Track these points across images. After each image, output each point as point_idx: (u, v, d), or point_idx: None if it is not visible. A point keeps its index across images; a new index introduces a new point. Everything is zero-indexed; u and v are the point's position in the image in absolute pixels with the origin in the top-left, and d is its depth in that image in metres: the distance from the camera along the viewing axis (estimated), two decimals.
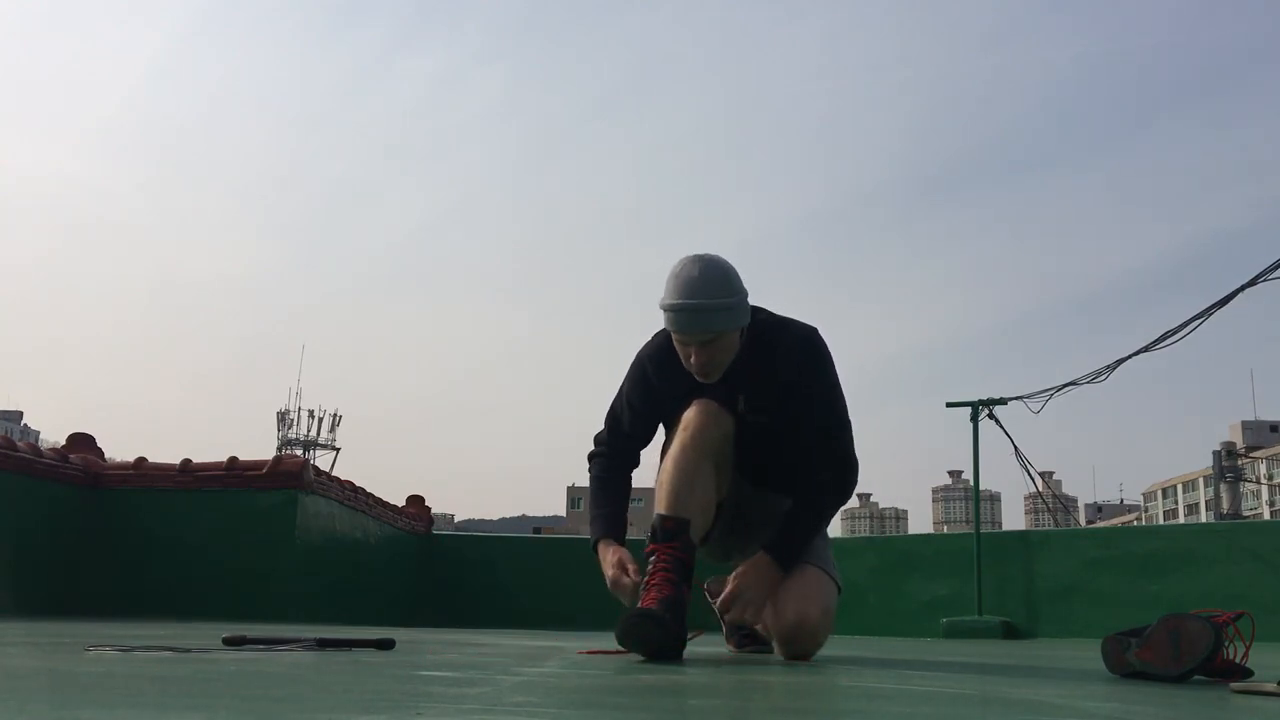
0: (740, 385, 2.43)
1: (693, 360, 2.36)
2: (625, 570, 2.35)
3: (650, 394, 2.52)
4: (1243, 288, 6.10)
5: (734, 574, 2.38)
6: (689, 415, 2.41)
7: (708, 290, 2.28)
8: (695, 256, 2.33)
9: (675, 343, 2.39)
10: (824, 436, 2.45)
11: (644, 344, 2.56)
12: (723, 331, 2.33)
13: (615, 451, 2.58)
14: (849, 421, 2.49)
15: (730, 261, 2.36)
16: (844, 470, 2.45)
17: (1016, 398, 7.12)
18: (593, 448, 2.62)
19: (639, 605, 2.22)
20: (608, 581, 2.39)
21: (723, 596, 2.37)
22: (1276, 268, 5.88)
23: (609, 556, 2.41)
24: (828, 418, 2.46)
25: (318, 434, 45.76)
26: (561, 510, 79.39)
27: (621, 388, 2.58)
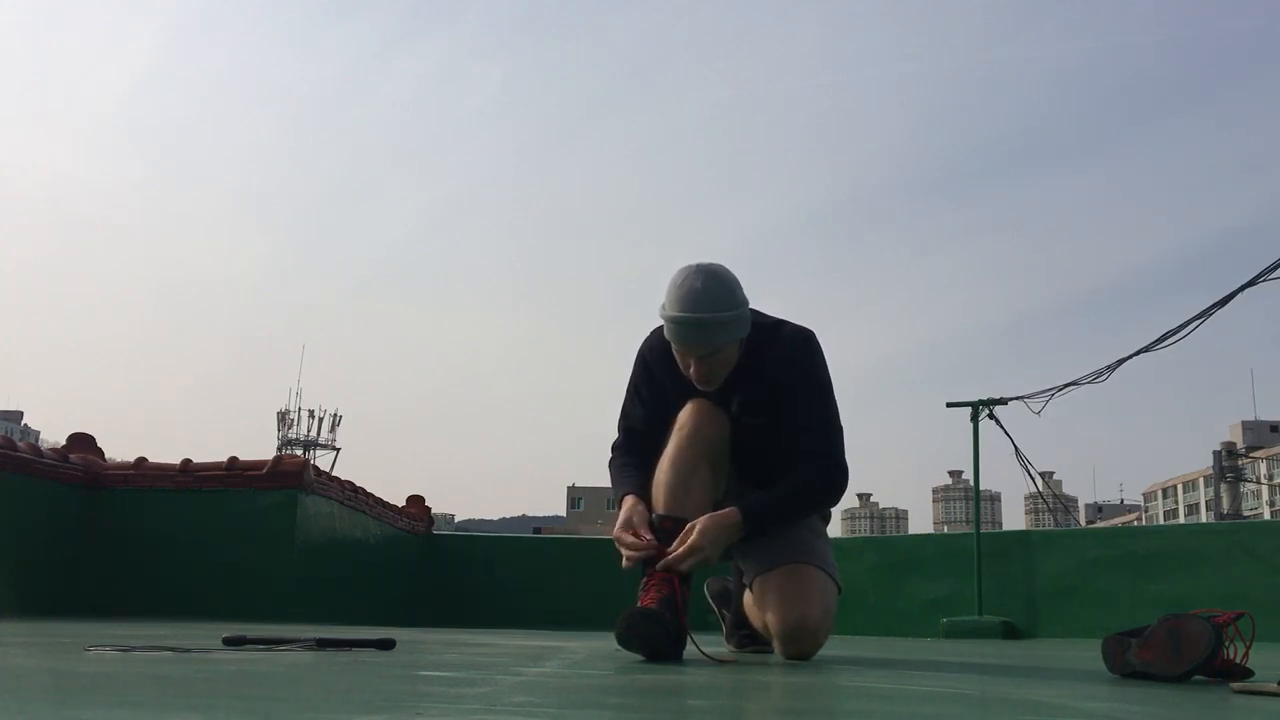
0: (734, 387, 2.43)
1: (693, 371, 2.36)
2: (631, 530, 2.30)
3: (655, 384, 2.52)
4: (1243, 288, 6.09)
5: (698, 520, 2.27)
6: (684, 416, 2.41)
7: (710, 304, 2.27)
8: (698, 268, 2.31)
9: (675, 353, 2.39)
10: (814, 439, 2.43)
11: (645, 338, 2.56)
12: (723, 345, 2.33)
13: (631, 450, 2.55)
14: (840, 425, 2.47)
15: (731, 269, 2.35)
16: (832, 472, 2.43)
17: (1017, 398, 7.12)
18: (610, 455, 2.59)
19: (638, 605, 2.22)
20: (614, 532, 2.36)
21: (680, 540, 2.25)
22: (1277, 268, 5.88)
23: (622, 510, 2.37)
24: (818, 419, 2.44)
25: (318, 434, 45.73)
26: (561, 510, 79.38)
27: (629, 385, 2.58)
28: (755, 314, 2.42)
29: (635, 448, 2.53)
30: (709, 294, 2.27)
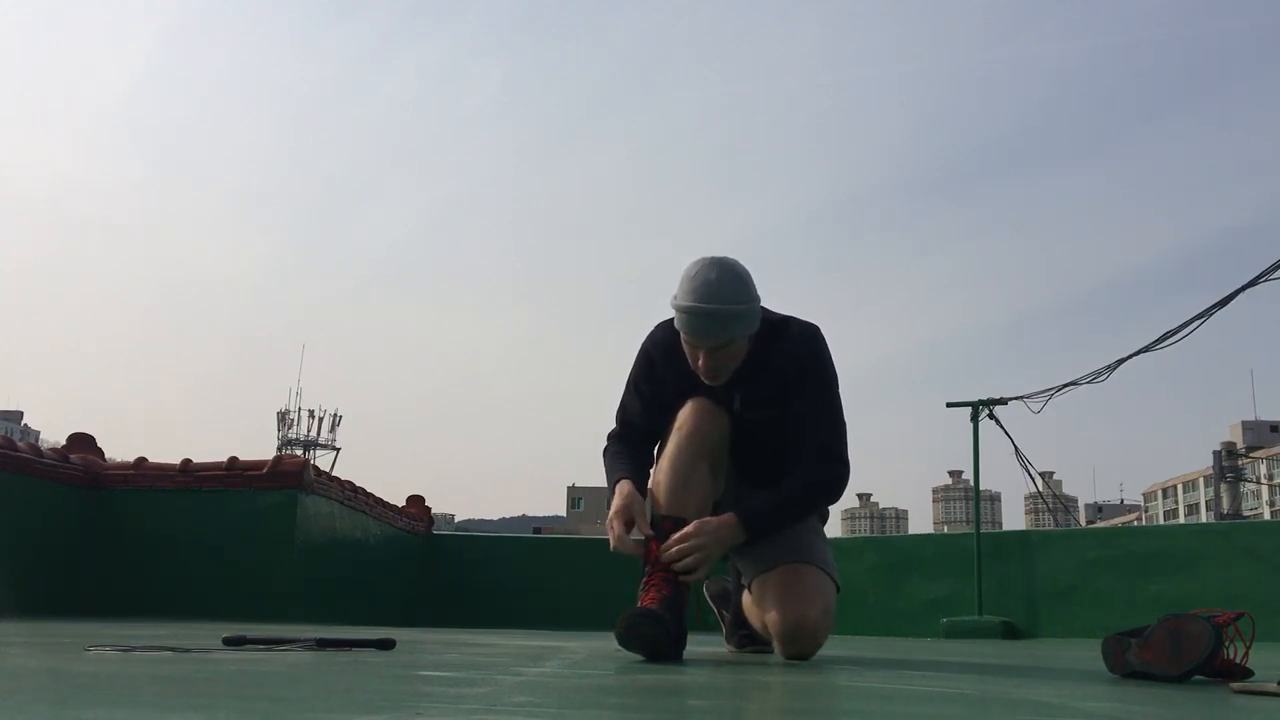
0: (738, 382, 2.42)
1: (701, 364, 2.36)
2: (624, 521, 2.29)
3: (657, 380, 2.51)
4: (1243, 288, 6.09)
5: (696, 521, 2.28)
6: (684, 414, 2.41)
7: (724, 296, 2.26)
8: (713, 260, 2.31)
9: (684, 344, 2.38)
10: (818, 435, 2.43)
11: (649, 332, 2.55)
12: (734, 338, 2.32)
13: (627, 440, 2.53)
14: (844, 422, 2.47)
15: (743, 264, 2.34)
16: (836, 470, 2.43)
17: (1016, 398, 7.12)
18: (605, 444, 2.58)
19: (638, 605, 2.22)
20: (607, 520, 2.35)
21: (676, 537, 2.25)
22: (1277, 268, 5.88)
23: (616, 496, 2.35)
24: (823, 416, 2.44)
25: (318, 434, 45.78)
26: (561, 510, 79.32)
27: (628, 378, 2.57)
28: (763, 310, 2.42)
29: (630, 438, 2.53)
30: (723, 286, 2.27)
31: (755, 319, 2.34)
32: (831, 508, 2.61)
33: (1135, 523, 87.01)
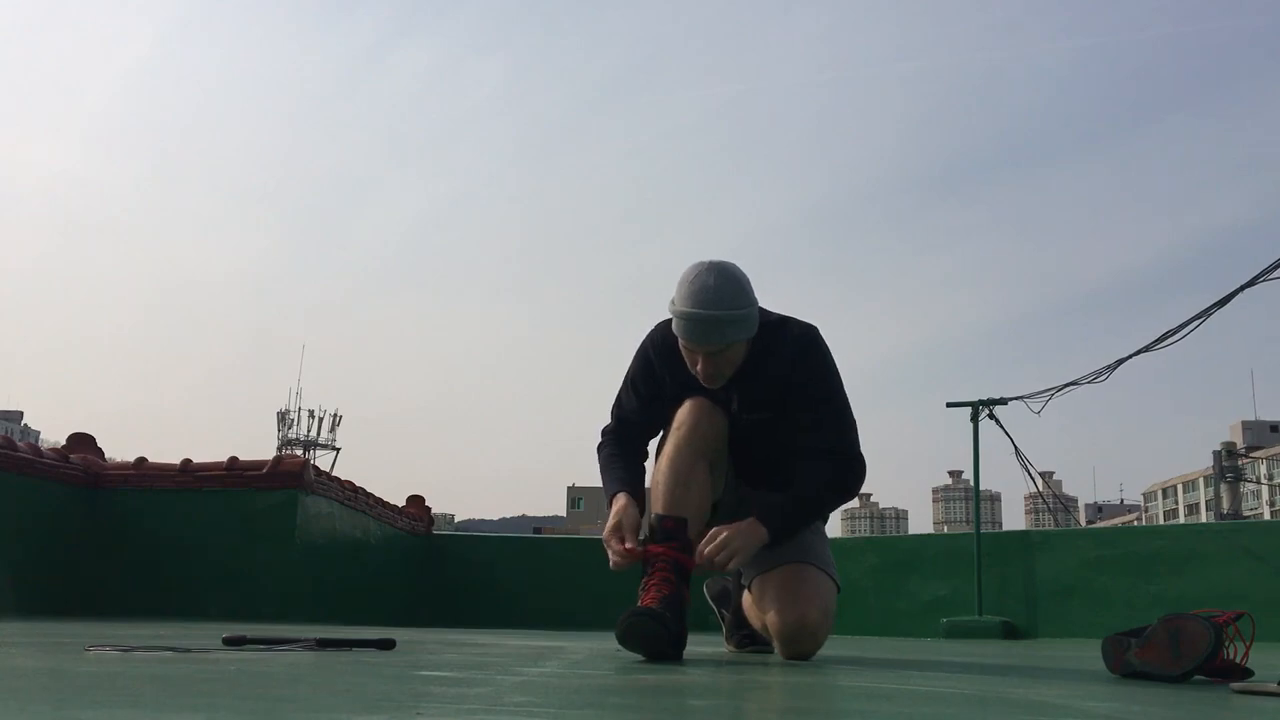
0: (736, 384, 2.42)
1: (699, 368, 2.36)
2: (619, 535, 2.30)
3: (654, 378, 2.51)
4: (1243, 288, 6.09)
5: (718, 527, 2.30)
6: (682, 414, 2.41)
7: (721, 301, 2.27)
8: (710, 264, 2.32)
9: (682, 349, 2.39)
10: (826, 435, 2.43)
11: (649, 331, 2.55)
12: (732, 343, 2.33)
13: (622, 438, 2.55)
14: (853, 419, 2.47)
15: (741, 268, 2.35)
16: (848, 466, 2.43)
17: (1017, 398, 7.11)
18: (599, 440, 2.59)
19: (638, 605, 2.22)
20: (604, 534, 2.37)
21: (708, 537, 2.28)
22: (1277, 268, 5.88)
23: (613, 510, 2.37)
24: (828, 416, 2.44)
25: (318, 434, 45.79)
26: (561, 510, 79.31)
27: (626, 376, 2.58)
28: (762, 311, 2.42)
29: (626, 435, 2.54)
30: (721, 291, 2.27)
31: (753, 323, 2.35)
32: (851, 500, 2.61)
33: (1135, 523, 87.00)
